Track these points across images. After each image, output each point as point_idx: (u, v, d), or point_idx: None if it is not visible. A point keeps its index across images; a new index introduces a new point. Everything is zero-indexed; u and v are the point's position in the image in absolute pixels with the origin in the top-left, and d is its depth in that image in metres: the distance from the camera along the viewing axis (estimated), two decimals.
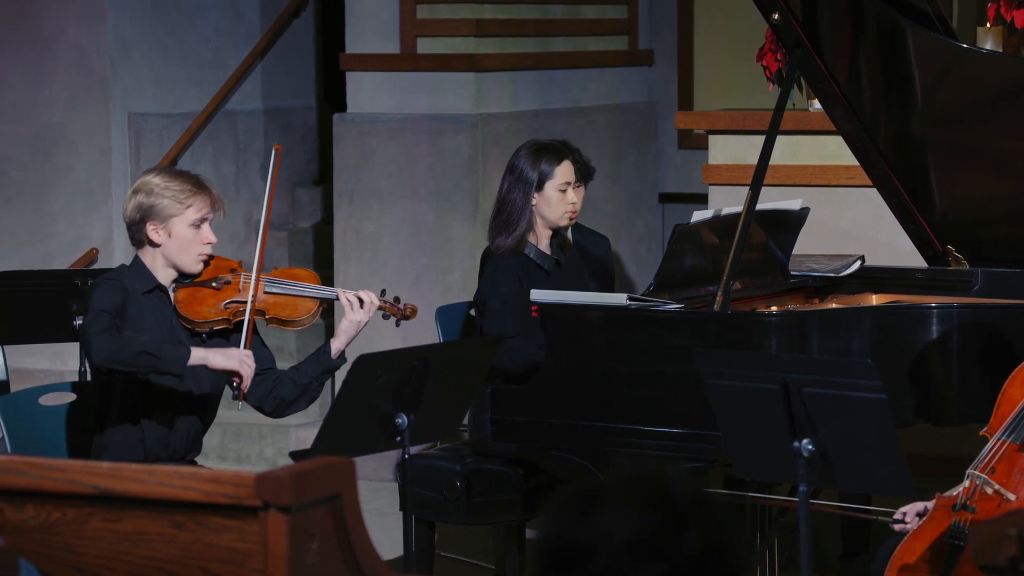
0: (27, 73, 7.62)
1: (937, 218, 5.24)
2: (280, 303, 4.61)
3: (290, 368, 4.70)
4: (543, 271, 5.25)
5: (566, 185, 5.27)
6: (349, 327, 4.62)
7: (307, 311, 4.61)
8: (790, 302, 5.22)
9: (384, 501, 6.47)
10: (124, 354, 4.32)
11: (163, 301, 4.57)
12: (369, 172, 7.24)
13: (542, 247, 5.29)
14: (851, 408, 3.91)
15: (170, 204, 4.50)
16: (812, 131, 6.40)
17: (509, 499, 5.18)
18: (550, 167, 5.26)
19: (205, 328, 4.56)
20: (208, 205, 4.53)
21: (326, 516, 2.58)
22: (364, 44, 7.29)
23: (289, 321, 4.61)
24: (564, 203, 5.26)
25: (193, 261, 4.55)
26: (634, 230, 7.98)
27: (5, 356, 5.77)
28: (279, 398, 4.64)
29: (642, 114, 8.10)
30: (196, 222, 4.52)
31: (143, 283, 4.54)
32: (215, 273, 4.59)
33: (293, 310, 4.61)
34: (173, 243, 4.52)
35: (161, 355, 4.35)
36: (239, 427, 7.29)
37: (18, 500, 2.68)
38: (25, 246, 7.61)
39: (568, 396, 4.79)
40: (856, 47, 5.12)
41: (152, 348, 4.36)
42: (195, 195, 4.52)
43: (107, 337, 4.32)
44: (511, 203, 5.24)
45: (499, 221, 5.25)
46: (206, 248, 4.55)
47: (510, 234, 5.22)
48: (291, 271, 4.75)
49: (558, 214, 5.26)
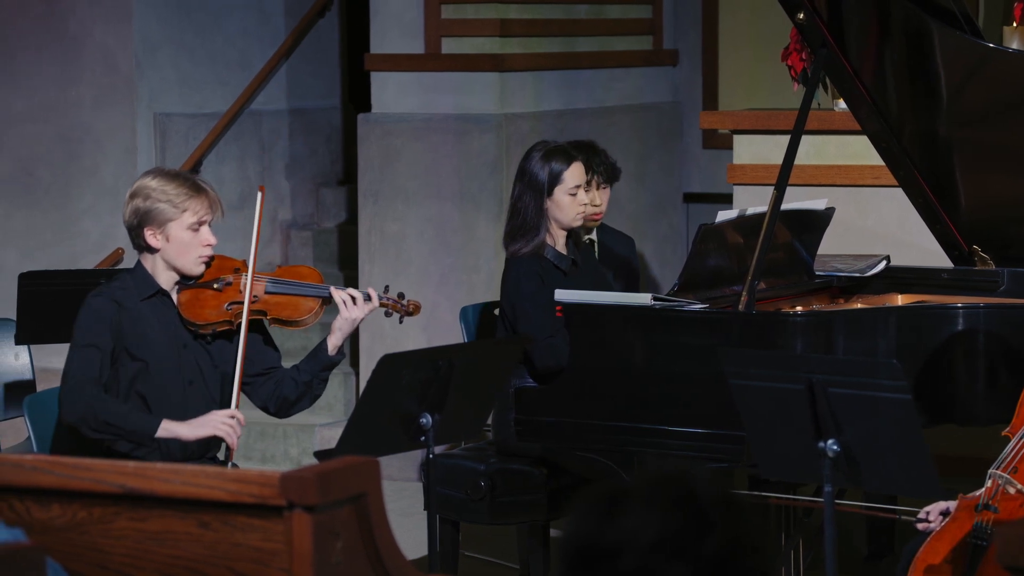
0: (53, 73, 7.65)
1: (963, 218, 5.22)
2: (281, 303, 4.59)
3: (291, 367, 4.68)
4: (560, 272, 5.23)
5: (576, 188, 5.22)
6: (344, 324, 4.60)
7: (309, 311, 4.59)
8: (815, 302, 5.21)
9: (408, 501, 6.47)
10: (91, 420, 4.34)
11: (166, 305, 4.54)
12: (394, 172, 7.25)
13: (559, 248, 5.26)
14: (876, 408, 3.90)
15: (167, 208, 4.45)
16: (837, 131, 6.38)
17: (533, 499, 5.17)
18: (559, 170, 5.21)
19: (208, 331, 4.53)
20: (206, 207, 4.47)
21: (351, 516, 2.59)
22: (389, 44, 7.30)
23: (291, 321, 4.58)
24: (575, 205, 5.21)
25: (193, 264, 4.51)
26: (659, 230, 7.97)
27: (31, 355, 5.79)
28: (282, 398, 4.63)
29: (667, 114, 8.10)
30: (194, 225, 4.47)
31: (143, 289, 4.51)
32: (218, 274, 4.55)
33: (294, 310, 4.59)
34: (172, 247, 4.47)
35: (126, 426, 4.36)
36: (264, 427, 7.30)
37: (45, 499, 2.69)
38: (51, 246, 7.64)
39: (593, 396, 4.79)
40: (882, 46, 5.11)
41: (117, 419, 4.35)
42: (192, 198, 4.46)
43: (77, 393, 4.34)
44: (524, 209, 5.19)
45: (513, 227, 5.21)
46: (206, 250, 4.50)
47: (528, 241, 5.17)
48: (294, 269, 4.73)
49: (570, 216, 5.22)
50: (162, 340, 4.49)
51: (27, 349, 5.75)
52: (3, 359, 5.72)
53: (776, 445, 4.08)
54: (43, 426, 4.69)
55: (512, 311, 5.17)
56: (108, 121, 7.59)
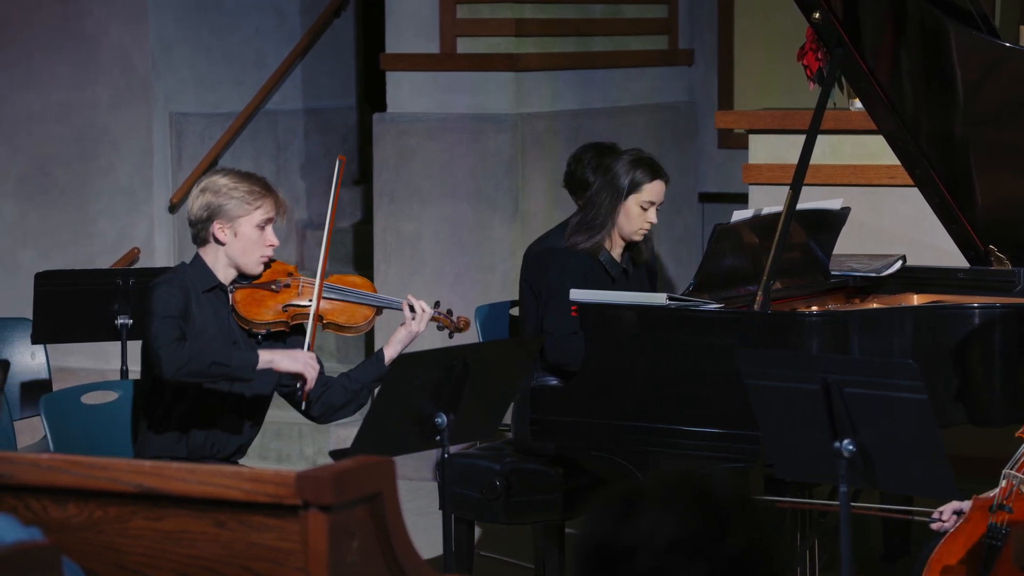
0: (70, 74, 7.67)
1: (979, 218, 5.21)
2: (338, 309, 4.68)
3: (340, 375, 4.74)
4: (609, 276, 5.25)
5: (649, 204, 5.25)
6: (406, 337, 4.68)
7: (364, 318, 4.68)
8: (831, 302, 5.20)
9: (424, 500, 6.47)
10: (195, 366, 4.39)
11: (222, 300, 4.62)
12: (409, 172, 7.25)
13: (614, 254, 5.28)
14: (892, 409, 3.90)
15: (238, 204, 4.56)
16: (853, 131, 6.37)
17: (549, 499, 5.17)
18: (642, 180, 5.24)
19: (262, 329, 4.62)
20: (274, 208, 4.60)
21: (366, 515, 2.59)
22: (404, 44, 7.30)
23: (346, 327, 4.69)
24: (642, 219, 5.24)
25: (255, 262, 4.60)
26: (674, 230, 7.97)
27: (48, 355, 5.81)
28: (328, 404, 4.68)
29: (682, 113, 8.09)
30: (262, 223, 4.58)
31: (204, 281, 4.59)
32: (273, 276, 4.66)
33: (350, 316, 4.68)
34: (238, 243, 4.57)
35: (231, 363, 4.42)
36: (279, 426, 7.31)
37: (61, 498, 2.69)
38: (68, 246, 7.65)
39: (608, 396, 4.79)
40: (898, 46, 5.10)
41: (222, 357, 4.42)
42: (263, 197, 4.58)
43: (176, 349, 4.38)
44: (598, 204, 5.23)
45: (583, 220, 5.25)
46: (268, 250, 4.61)
47: (590, 237, 5.22)
48: (347, 278, 4.81)
49: (633, 228, 5.24)
50: (215, 333, 4.57)
51: (43, 348, 5.77)
52: (20, 358, 5.74)
53: (791, 445, 4.07)
54: (60, 426, 4.70)
55: (548, 298, 5.20)
56: (124, 121, 7.60)
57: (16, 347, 5.73)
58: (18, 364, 5.73)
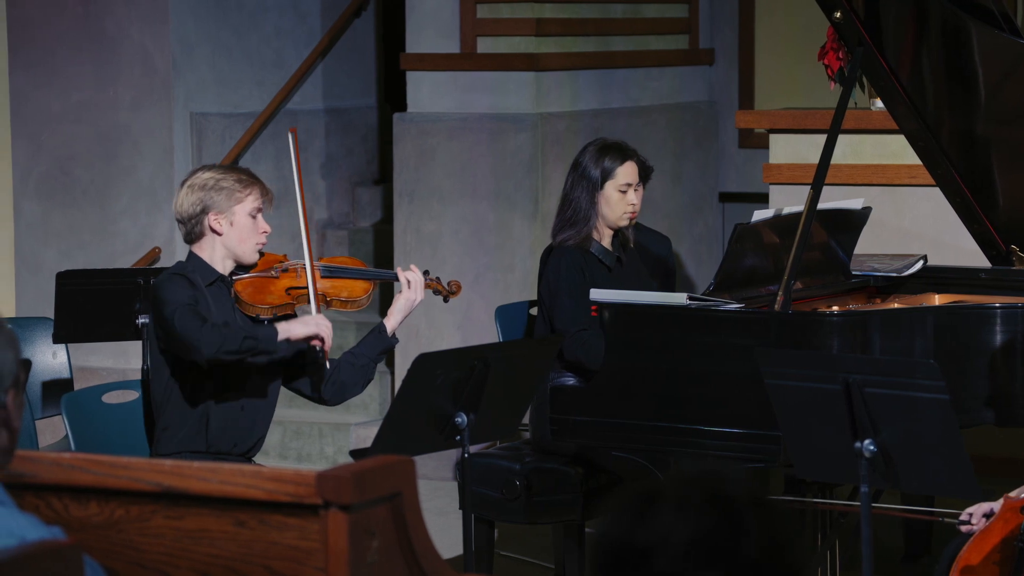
0: (91, 74, 7.68)
1: (1001, 217, 5.19)
2: (337, 286, 4.74)
3: (345, 353, 4.76)
4: (605, 267, 5.26)
5: (627, 186, 5.26)
6: (405, 305, 4.72)
7: (364, 291, 4.74)
8: (852, 302, 5.19)
9: (444, 500, 6.48)
10: (231, 343, 4.42)
11: (224, 293, 4.65)
12: (429, 172, 7.25)
13: (604, 244, 5.30)
14: (914, 409, 3.89)
15: (229, 194, 4.61)
16: (874, 130, 6.36)
17: (569, 498, 5.17)
18: (612, 166, 5.26)
19: (269, 315, 4.67)
20: (261, 196, 4.65)
21: (386, 515, 2.59)
22: (424, 44, 7.30)
23: (349, 301, 4.73)
24: (623, 203, 5.26)
25: (252, 250, 4.65)
26: (694, 230, 7.96)
27: (69, 354, 5.82)
28: (339, 383, 4.71)
29: (703, 113, 8.08)
30: (254, 211, 4.63)
31: (205, 276, 4.62)
32: (268, 265, 4.71)
33: (351, 291, 4.74)
34: (235, 232, 4.61)
35: (258, 335, 4.47)
36: (299, 426, 7.32)
37: (83, 497, 2.70)
38: (89, 245, 7.67)
39: (628, 396, 4.78)
40: (919, 45, 5.09)
41: (250, 331, 4.48)
42: (251, 185, 4.64)
43: (209, 330, 4.42)
44: (575, 200, 5.26)
45: (564, 218, 5.28)
46: (263, 237, 4.66)
47: (577, 231, 5.24)
48: (337, 259, 4.87)
49: (617, 214, 5.26)
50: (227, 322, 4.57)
51: (65, 348, 5.78)
52: (41, 358, 5.76)
53: (812, 445, 4.06)
54: (81, 425, 4.71)
55: (551, 299, 5.21)
56: (145, 121, 7.62)
57: (38, 346, 5.75)
58: (40, 363, 5.75)
